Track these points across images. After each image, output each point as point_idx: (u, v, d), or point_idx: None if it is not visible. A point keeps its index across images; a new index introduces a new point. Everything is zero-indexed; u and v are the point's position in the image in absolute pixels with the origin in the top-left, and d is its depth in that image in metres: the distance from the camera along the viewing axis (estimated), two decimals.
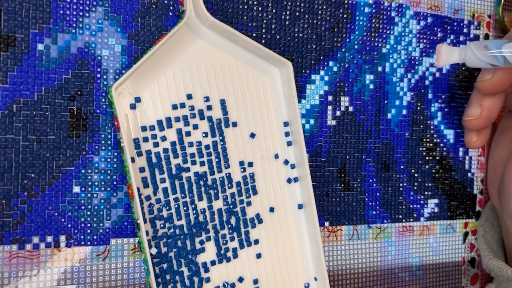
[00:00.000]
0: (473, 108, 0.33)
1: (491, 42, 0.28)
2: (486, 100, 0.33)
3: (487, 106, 0.33)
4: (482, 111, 0.33)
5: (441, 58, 0.30)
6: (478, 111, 0.33)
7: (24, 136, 0.27)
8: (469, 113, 0.33)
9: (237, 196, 0.31)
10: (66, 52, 0.28)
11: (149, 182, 0.29)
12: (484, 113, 0.33)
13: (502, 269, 0.34)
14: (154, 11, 0.30)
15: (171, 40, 0.29)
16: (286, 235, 0.32)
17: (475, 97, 0.33)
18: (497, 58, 0.28)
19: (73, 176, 0.28)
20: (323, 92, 0.35)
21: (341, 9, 0.35)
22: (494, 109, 0.33)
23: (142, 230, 0.27)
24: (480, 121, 0.33)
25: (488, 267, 0.36)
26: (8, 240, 0.27)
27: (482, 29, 0.40)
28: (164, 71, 0.29)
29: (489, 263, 0.36)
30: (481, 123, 0.33)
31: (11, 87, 0.27)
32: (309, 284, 0.32)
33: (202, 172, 0.30)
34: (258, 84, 0.32)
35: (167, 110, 0.29)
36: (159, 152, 0.29)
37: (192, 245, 0.29)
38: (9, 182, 0.27)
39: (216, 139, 0.30)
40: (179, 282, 0.29)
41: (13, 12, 0.27)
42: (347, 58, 0.35)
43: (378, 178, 0.36)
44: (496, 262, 0.35)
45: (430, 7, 0.38)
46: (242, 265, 0.31)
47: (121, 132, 0.27)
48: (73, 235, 0.28)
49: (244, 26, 0.32)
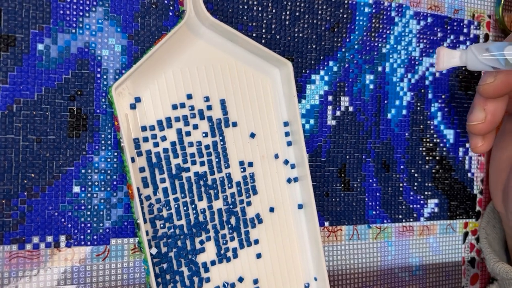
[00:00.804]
0: (477, 112, 0.32)
1: (492, 45, 0.28)
2: (489, 103, 0.32)
3: (491, 110, 0.32)
4: (486, 115, 0.32)
5: (441, 62, 0.30)
6: (482, 116, 0.32)
7: (24, 136, 0.27)
8: (473, 118, 0.33)
9: (237, 196, 0.31)
10: (66, 52, 0.28)
11: (149, 182, 0.29)
12: (489, 117, 0.32)
13: (509, 272, 0.34)
14: (154, 11, 0.30)
15: (171, 40, 0.29)
16: (286, 235, 0.32)
17: (478, 101, 0.33)
18: (498, 61, 0.28)
19: (73, 176, 0.28)
20: (323, 92, 0.35)
21: (341, 9, 0.35)
22: (498, 112, 0.32)
23: (142, 230, 0.27)
24: (485, 126, 0.32)
25: (494, 271, 0.36)
26: (8, 240, 0.27)
27: (482, 29, 0.40)
28: (164, 71, 0.29)
29: (494, 267, 0.35)
30: (486, 127, 0.33)
31: (11, 87, 0.27)
32: (309, 284, 0.32)
33: (202, 172, 0.30)
34: (258, 84, 0.32)
35: (167, 110, 0.29)
36: (159, 152, 0.29)
37: (192, 245, 0.29)
38: (9, 182, 0.27)
39: (216, 139, 0.30)
40: (179, 282, 0.29)
41: (13, 12, 0.27)
42: (347, 58, 0.35)
43: (378, 178, 0.36)
44: (502, 265, 0.35)
45: (430, 7, 0.38)
46: (242, 265, 0.31)
47: (121, 132, 0.27)
48: (73, 235, 0.28)
49: (244, 26, 0.32)
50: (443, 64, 0.29)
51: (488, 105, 0.32)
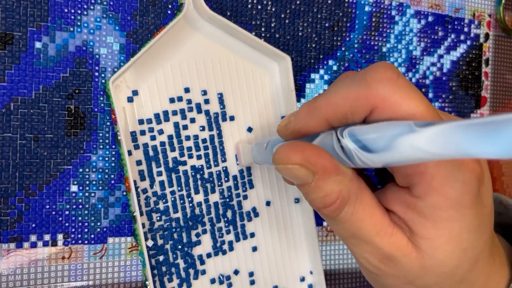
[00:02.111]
0: None
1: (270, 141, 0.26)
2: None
3: None
4: None
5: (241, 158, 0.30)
6: None
7: (22, 135, 0.27)
8: None
9: (234, 189, 0.31)
10: (64, 50, 0.28)
11: (146, 175, 0.29)
12: None
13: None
14: (153, 10, 0.30)
15: (169, 33, 0.29)
16: (282, 228, 0.32)
17: None
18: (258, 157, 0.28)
19: (71, 174, 0.28)
20: (322, 91, 0.34)
21: (341, 7, 0.35)
22: None
23: (139, 223, 0.27)
24: None
25: None
26: (5, 238, 0.27)
27: (482, 28, 0.40)
28: (162, 64, 0.29)
29: None
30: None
31: (9, 85, 0.27)
32: (304, 277, 0.32)
33: (198, 165, 0.30)
34: (256, 78, 0.31)
35: (164, 103, 0.29)
36: (156, 145, 0.29)
37: (188, 238, 0.30)
38: (7, 180, 0.27)
39: (213, 132, 0.30)
40: (175, 274, 0.29)
41: (11, 10, 0.26)
42: (347, 57, 0.35)
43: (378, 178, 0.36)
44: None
45: (430, 6, 0.38)
46: (238, 258, 0.31)
47: (118, 125, 0.27)
48: (71, 233, 0.28)
49: (244, 24, 0.32)
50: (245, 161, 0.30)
51: None
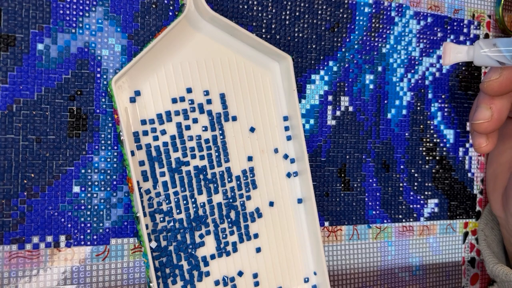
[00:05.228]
0: (483, 110, 0.31)
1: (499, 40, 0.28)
2: (496, 101, 0.31)
3: (497, 107, 0.31)
4: (492, 114, 0.31)
5: (447, 57, 0.29)
6: (488, 114, 0.31)
7: (24, 136, 0.27)
8: (478, 116, 0.31)
9: (237, 190, 0.31)
10: (66, 52, 0.28)
11: (149, 175, 0.29)
12: (495, 115, 0.31)
13: (508, 275, 0.34)
14: (154, 11, 0.30)
15: (171, 34, 0.29)
16: (286, 229, 0.32)
17: (483, 99, 0.32)
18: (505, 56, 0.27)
19: (73, 176, 0.28)
20: (323, 92, 0.35)
21: (341, 9, 0.35)
22: (504, 110, 0.31)
23: (142, 224, 0.27)
24: (491, 124, 0.31)
25: (493, 273, 0.35)
26: (8, 240, 0.27)
27: (482, 29, 0.40)
28: (164, 64, 0.29)
29: (494, 269, 0.35)
30: (492, 126, 0.31)
31: (11, 87, 0.27)
32: (308, 278, 0.32)
33: (201, 166, 0.30)
34: (258, 78, 0.32)
35: (166, 103, 0.29)
36: (159, 145, 0.29)
37: (191, 239, 0.29)
38: (9, 182, 0.27)
39: (215, 133, 0.30)
40: (178, 276, 0.29)
41: (13, 12, 0.27)
42: (347, 58, 0.35)
43: (378, 178, 0.36)
44: (501, 267, 0.35)
45: (430, 7, 0.38)
46: (241, 259, 0.31)
47: (121, 125, 0.27)
48: (73, 235, 0.28)
49: (244, 26, 0.32)
50: (449, 59, 0.29)
51: (494, 103, 0.31)
